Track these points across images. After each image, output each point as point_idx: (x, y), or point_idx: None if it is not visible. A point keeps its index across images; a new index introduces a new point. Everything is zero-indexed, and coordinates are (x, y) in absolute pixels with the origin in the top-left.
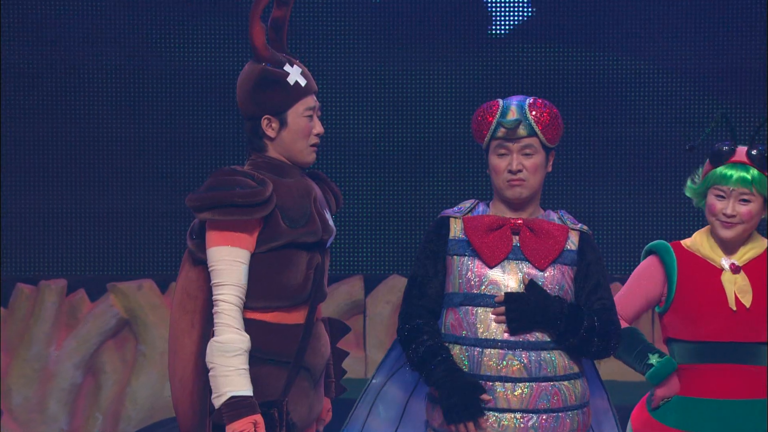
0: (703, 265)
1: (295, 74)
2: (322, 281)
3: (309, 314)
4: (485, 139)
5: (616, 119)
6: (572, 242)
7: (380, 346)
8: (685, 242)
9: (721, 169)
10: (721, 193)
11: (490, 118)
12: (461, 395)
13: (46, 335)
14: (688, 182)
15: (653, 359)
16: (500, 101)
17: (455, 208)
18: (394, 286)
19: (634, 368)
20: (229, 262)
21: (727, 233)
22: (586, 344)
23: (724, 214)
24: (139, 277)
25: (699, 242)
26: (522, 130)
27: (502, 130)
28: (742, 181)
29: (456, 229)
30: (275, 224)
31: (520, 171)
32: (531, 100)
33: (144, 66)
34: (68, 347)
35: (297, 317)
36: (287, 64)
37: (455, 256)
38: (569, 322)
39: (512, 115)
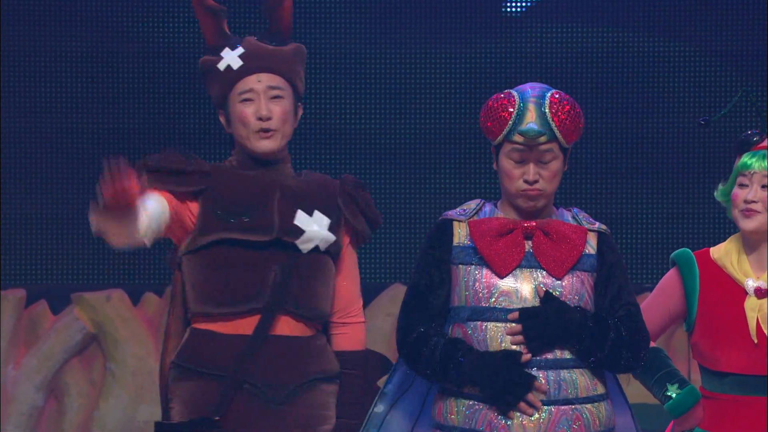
0: (728, 285)
1: (229, 58)
2: (289, 290)
3: (261, 324)
4: (497, 138)
5: (642, 108)
6: (591, 245)
7: None
8: (714, 251)
9: (744, 156)
10: (744, 181)
11: (507, 117)
12: (505, 371)
13: (2, 352)
14: (719, 185)
15: (672, 391)
16: (515, 95)
17: (458, 210)
18: (396, 297)
19: (654, 396)
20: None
21: (748, 224)
22: (614, 358)
23: (744, 201)
24: (107, 286)
25: (727, 254)
26: (543, 137)
27: (521, 137)
28: (765, 161)
29: (460, 234)
30: (205, 215)
31: (536, 182)
32: (550, 99)
33: (110, 57)
34: (28, 366)
35: (242, 327)
36: (227, 48)
37: (461, 266)
38: (594, 335)
39: (530, 117)
